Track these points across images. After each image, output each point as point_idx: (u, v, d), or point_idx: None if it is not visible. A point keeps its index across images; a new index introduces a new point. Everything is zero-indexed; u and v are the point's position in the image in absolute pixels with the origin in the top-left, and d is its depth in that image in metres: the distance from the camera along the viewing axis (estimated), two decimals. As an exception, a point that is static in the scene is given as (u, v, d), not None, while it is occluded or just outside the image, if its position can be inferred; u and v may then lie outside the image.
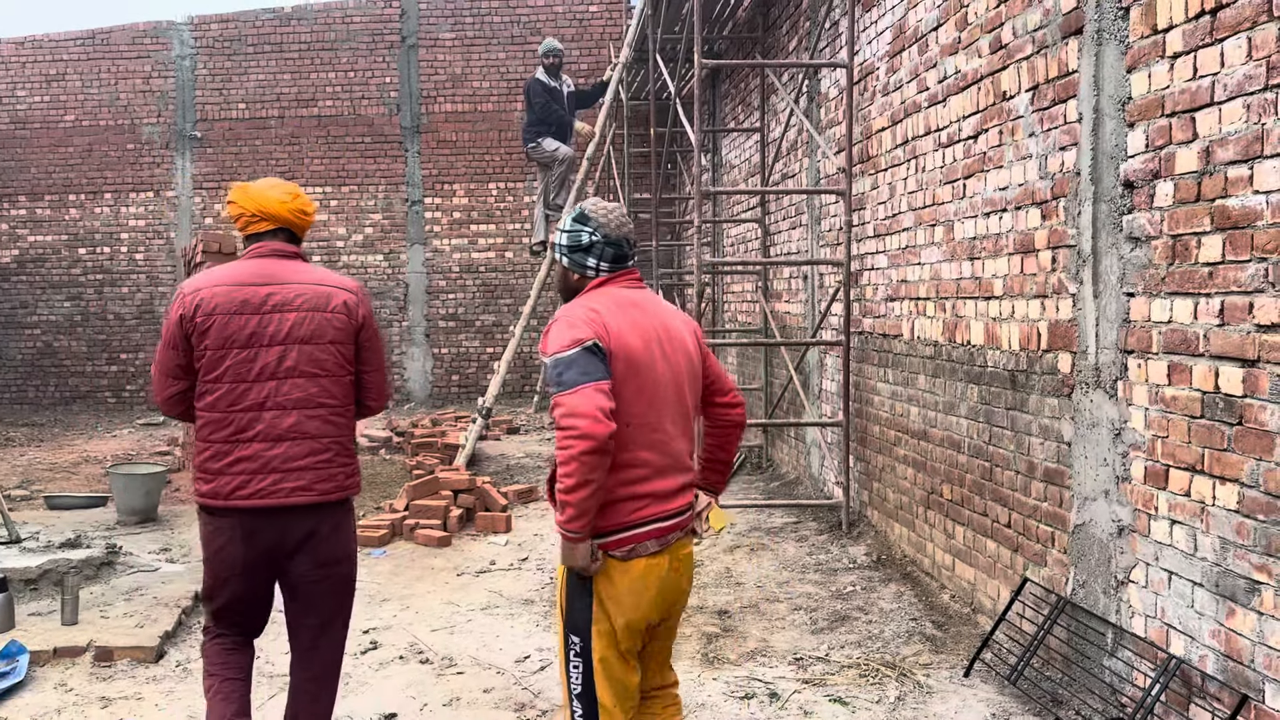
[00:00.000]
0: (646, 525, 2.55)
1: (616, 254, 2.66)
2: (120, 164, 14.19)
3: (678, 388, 2.65)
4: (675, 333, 2.70)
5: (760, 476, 8.37)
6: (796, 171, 7.85)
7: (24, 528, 6.05)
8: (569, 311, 2.58)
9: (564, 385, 2.43)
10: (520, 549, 6.33)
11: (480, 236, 14.04)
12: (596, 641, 2.55)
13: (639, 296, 2.69)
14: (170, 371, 3.04)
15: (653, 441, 2.57)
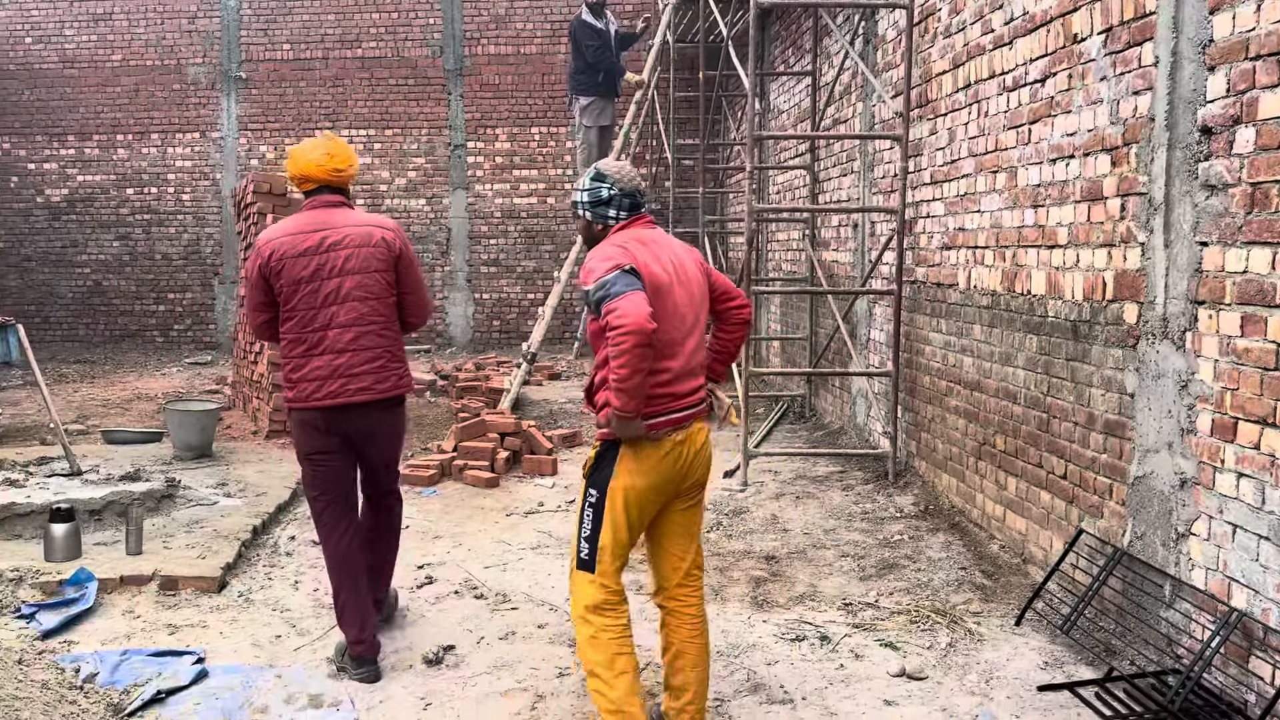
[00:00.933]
0: (669, 415, 3.05)
1: (632, 203, 3.12)
2: (167, 104, 14.25)
3: (693, 308, 3.12)
4: (685, 261, 3.17)
5: (804, 426, 8.36)
6: (849, 117, 7.72)
7: (84, 461, 6.19)
8: (600, 249, 3.04)
9: (612, 295, 2.84)
10: (567, 492, 6.38)
11: (522, 182, 13.99)
12: (612, 496, 3.04)
13: (654, 235, 3.15)
14: (257, 306, 3.82)
15: (674, 352, 3.05)
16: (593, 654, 3.07)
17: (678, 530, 3.25)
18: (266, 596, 4.50)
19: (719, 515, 5.79)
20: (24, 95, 14.20)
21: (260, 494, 5.90)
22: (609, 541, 3.08)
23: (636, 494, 3.05)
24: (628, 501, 3.05)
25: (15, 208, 14.40)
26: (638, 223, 3.14)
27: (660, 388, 3.01)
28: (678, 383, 3.07)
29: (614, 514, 3.06)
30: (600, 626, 3.08)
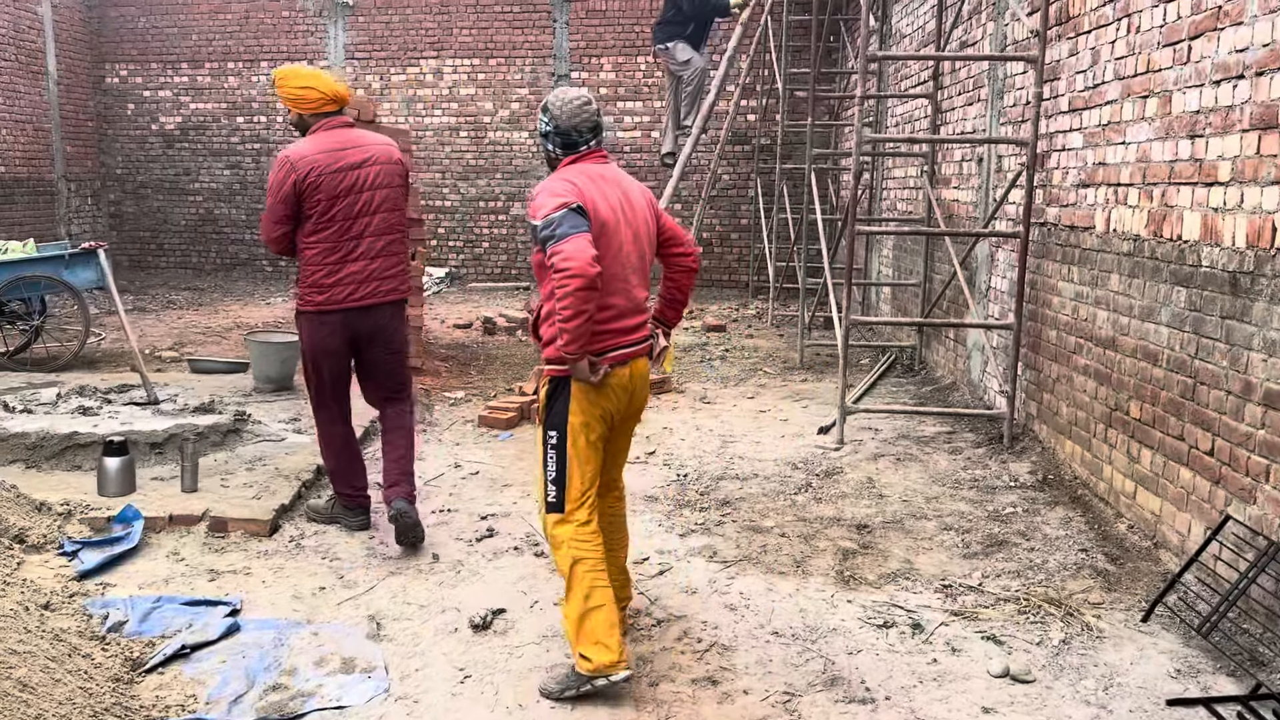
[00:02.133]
0: (614, 351, 3.16)
1: (565, 142, 3.19)
2: (276, 32, 14.19)
3: (638, 246, 3.21)
4: (634, 200, 3.23)
5: (911, 380, 7.75)
6: (979, 39, 6.95)
7: (164, 390, 6.10)
8: (549, 184, 3.10)
9: (558, 237, 2.94)
10: (648, 442, 6.00)
11: (626, 115, 13.49)
12: (570, 433, 3.14)
13: (605, 171, 3.21)
14: (281, 219, 4.08)
15: (618, 289, 3.14)
16: (573, 589, 3.15)
17: (614, 450, 3.41)
18: (319, 543, 4.26)
19: (809, 475, 5.32)
20: (139, 23, 14.34)
21: (331, 431, 5.69)
22: (575, 478, 3.17)
23: (592, 428, 3.16)
24: (587, 438, 3.16)
25: (132, 135, 14.65)
26: (590, 157, 3.20)
27: (605, 324, 3.11)
28: (622, 319, 3.17)
29: (576, 451, 3.16)
30: (574, 559, 3.15)
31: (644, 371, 3.31)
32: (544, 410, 3.22)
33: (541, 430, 3.23)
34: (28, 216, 12.77)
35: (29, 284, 7.37)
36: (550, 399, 3.20)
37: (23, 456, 4.76)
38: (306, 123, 4.16)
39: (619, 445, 3.45)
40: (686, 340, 9.40)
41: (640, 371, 3.28)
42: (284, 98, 4.12)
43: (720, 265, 13.45)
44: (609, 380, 3.14)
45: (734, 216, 13.33)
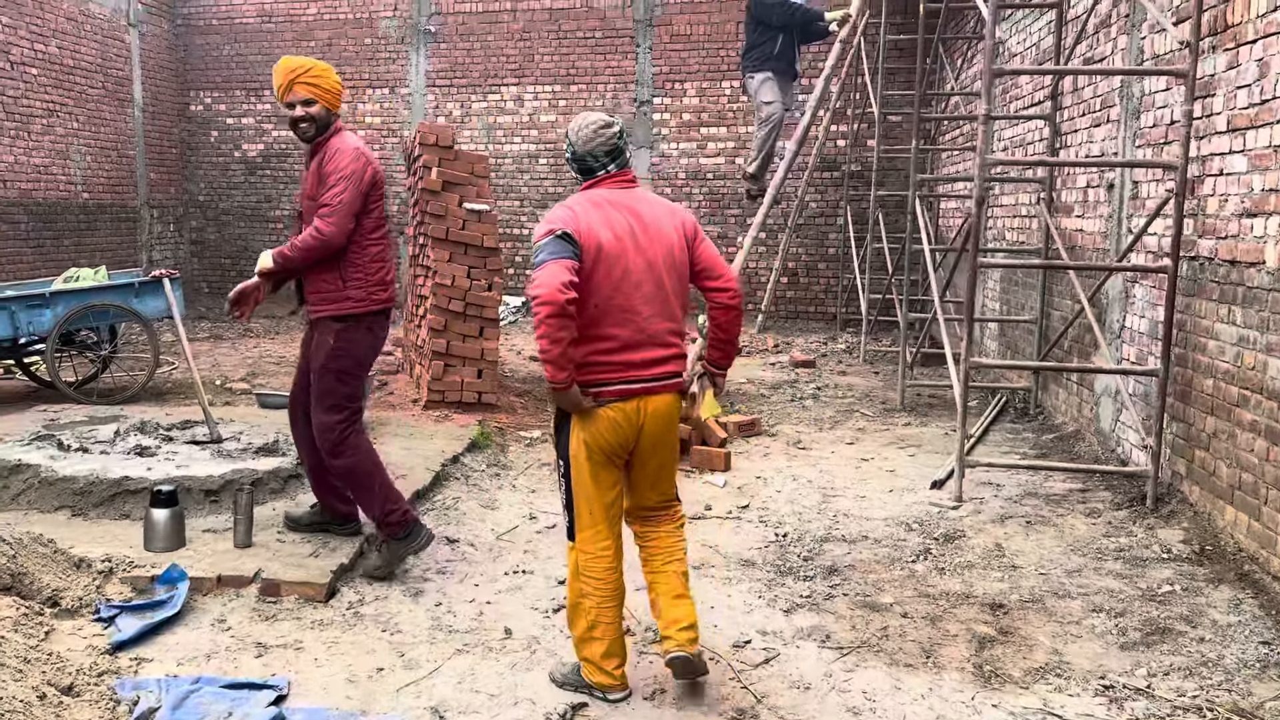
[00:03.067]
0: (612, 385, 3.07)
1: (582, 167, 3.16)
2: (358, 59, 14.11)
3: (653, 274, 3.09)
4: (654, 226, 3.13)
5: (1027, 426, 7.07)
6: (1108, 54, 6.32)
7: (229, 426, 5.78)
8: (552, 211, 3.10)
9: (534, 264, 2.97)
10: (740, 493, 5.46)
11: (710, 140, 13.05)
12: (574, 462, 3.12)
13: (621, 196, 3.14)
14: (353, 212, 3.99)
15: (622, 320, 3.05)
16: (577, 618, 3.17)
17: (643, 481, 3.28)
18: (379, 611, 3.81)
19: (926, 539, 4.72)
20: (224, 50, 14.40)
21: (399, 477, 5.27)
22: (583, 506, 3.13)
23: (591, 455, 3.09)
24: (590, 469, 3.10)
25: (215, 162, 14.70)
26: (607, 182, 3.14)
27: (603, 355, 3.04)
28: (626, 352, 3.06)
29: (579, 476, 3.12)
30: (582, 592, 3.15)
31: (661, 409, 3.15)
32: (554, 436, 3.22)
33: (555, 455, 3.24)
34: (110, 243, 12.81)
35: (97, 313, 7.16)
36: (557, 426, 3.19)
37: (70, 503, 4.43)
38: (329, 121, 4.07)
39: (647, 478, 3.28)
40: (773, 377, 8.84)
41: (655, 409, 3.13)
42: (327, 90, 4.02)
43: (807, 296, 12.87)
44: (605, 414, 3.05)
45: (821, 245, 12.75)
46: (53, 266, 11.08)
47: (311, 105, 4.00)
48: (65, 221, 11.91)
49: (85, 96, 12.27)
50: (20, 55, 11.11)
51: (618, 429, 3.08)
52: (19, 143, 11.11)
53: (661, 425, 3.17)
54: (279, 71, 4.05)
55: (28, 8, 11.20)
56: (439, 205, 6.99)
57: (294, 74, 4.00)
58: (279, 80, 4.03)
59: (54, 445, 5.07)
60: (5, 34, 10.87)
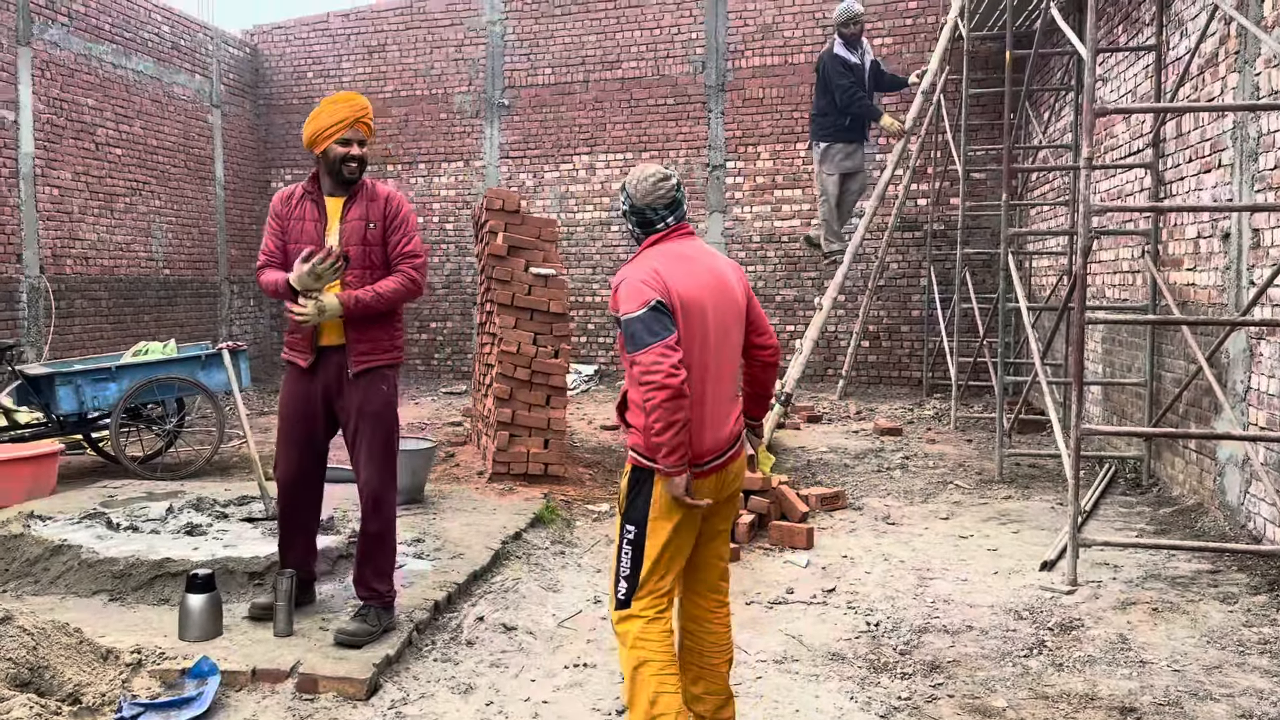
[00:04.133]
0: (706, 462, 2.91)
1: (641, 220, 3.02)
2: (434, 134, 14.25)
3: (725, 330, 2.97)
4: (723, 280, 3.00)
5: (1141, 498, 6.46)
6: (1215, 94, 5.85)
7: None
8: (633, 272, 2.91)
9: (638, 345, 2.78)
10: (825, 575, 4.99)
11: (784, 203, 12.74)
12: (650, 530, 2.90)
13: (689, 249, 3.01)
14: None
15: (709, 382, 2.91)
16: (636, 693, 2.89)
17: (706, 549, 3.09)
18: (424, 710, 3.45)
19: (1039, 630, 4.19)
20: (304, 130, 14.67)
21: (456, 555, 4.96)
22: (649, 577, 2.93)
23: (675, 528, 2.91)
24: (670, 536, 2.90)
25: (294, 238, 14.88)
26: (673, 235, 3.02)
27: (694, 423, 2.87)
28: (713, 420, 2.94)
29: (654, 549, 2.91)
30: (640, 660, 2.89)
31: (737, 471, 3.06)
32: (624, 501, 2.99)
33: (619, 522, 2.99)
34: (190, 317, 12.98)
35: (163, 386, 7.08)
36: (631, 491, 2.96)
37: (108, 586, 4.19)
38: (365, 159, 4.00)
39: (711, 545, 3.10)
40: (857, 445, 8.35)
41: (733, 471, 3.03)
42: (372, 133, 3.99)
43: (889, 360, 12.35)
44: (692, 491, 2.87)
45: (904, 307, 12.26)
46: (132, 341, 11.20)
47: (364, 146, 3.88)
48: (145, 297, 12.10)
49: (167, 175, 12.56)
50: (105, 136, 11.41)
51: (707, 490, 2.95)
52: (102, 220, 11.36)
53: (736, 484, 3.09)
54: (341, 104, 3.85)
55: (114, 90, 11.54)
56: (505, 270, 6.78)
57: (361, 111, 3.88)
58: (342, 114, 3.82)
59: (103, 524, 4.88)
60: (91, 115, 11.18)
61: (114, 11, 11.57)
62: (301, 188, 4.00)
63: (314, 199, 3.95)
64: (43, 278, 10.35)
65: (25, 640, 3.22)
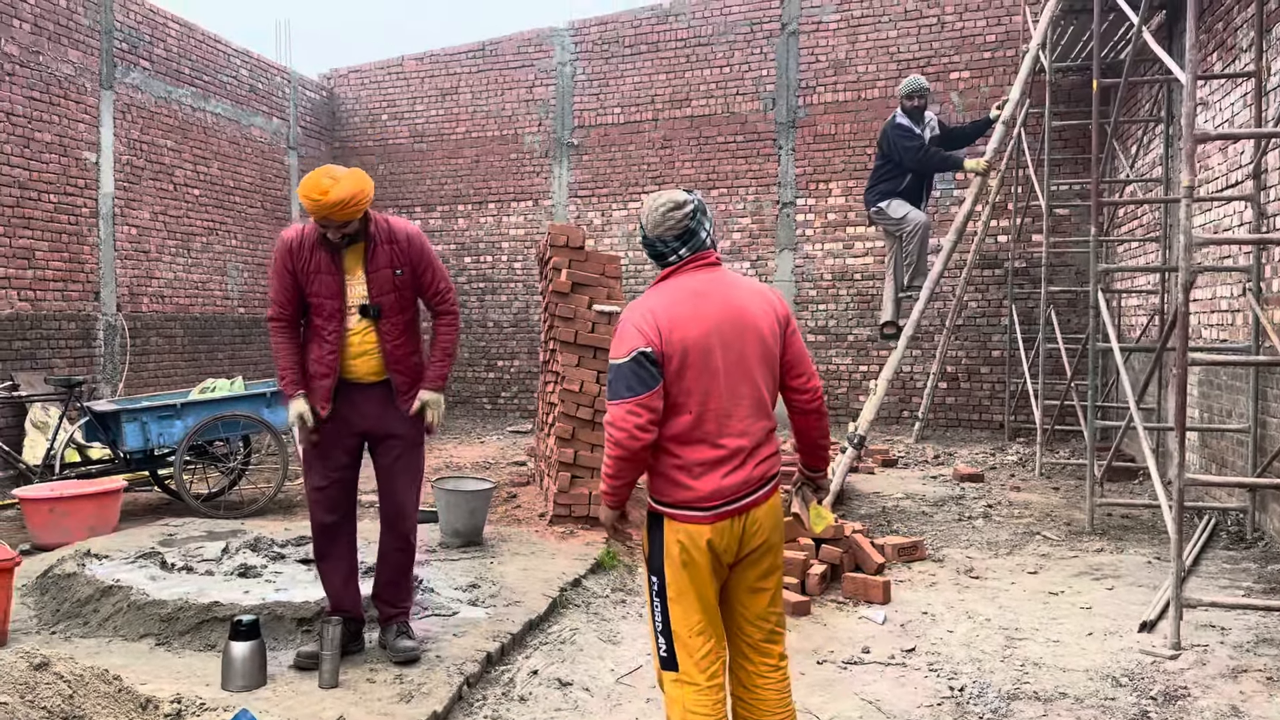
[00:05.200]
0: (694, 510, 2.70)
1: (652, 252, 2.83)
2: (503, 174, 14.32)
3: (743, 368, 2.74)
4: (744, 315, 2.75)
5: (1245, 553, 5.98)
6: (1326, 119, 5.47)
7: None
8: (629, 314, 2.75)
9: (612, 395, 2.71)
10: (904, 632, 4.66)
11: (857, 240, 12.45)
12: (671, 578, 2.71)
13: (703, 283, 2.77)
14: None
15: (717, 427, 2.70)
16: None
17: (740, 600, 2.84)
18: (471, 772, 3.24)
19: (1141, 699, 3.81)
20: (378, 170, 14.88)
21: (512, 603, 4.75)
22: (683, 629, 2.73)
23: (689, 577, 2.72)
24: (688, 580, 2.72)
25: (366, 277, 15.03)
26: (691, 266, 2.80)
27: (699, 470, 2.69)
28: (723, 465, 2.70)
29: (679, 595, 2.73)
30: None
31: (763, 518, 2.76)
32: (645, 550, 2.83)
33: (646, 569, 2.82)
34: (263, 355, 13.13)
35: (228, 424, 7.06)
36: (650, 537, 2.80)
37: (155, 630, 4.08)
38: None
39: (751, 602, 2.83)
40: (936, 492, 7.96)
41: (757, 519, 2.74)
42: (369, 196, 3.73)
43: (969, 403, 11.89)
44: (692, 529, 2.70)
45: (983, 348, 11.82)
46: (206, 378, 11.34)
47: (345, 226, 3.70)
48: (220, 335, 12.28)
49: (244, 215, 12.78)
50: (184, 177, 11.67)
51: (720, 535, 2.71)
52: (179, 259, 11.57)
53: (764, 532, 2.77)
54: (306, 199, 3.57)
55: (193, 132, 11.81)
56: (568, 307, 6.63)
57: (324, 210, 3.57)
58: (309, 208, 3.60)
59: (157, 564, 4.81)
60: (170, 157, 11.44)
61: (194, 56, 11.88)
62: (310, 235, 3.78)
63: (328, 248, 3.78)
64: (119, 315, 10.55)
65: (62, 688, 3.10)
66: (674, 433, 2.70)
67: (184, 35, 11.74)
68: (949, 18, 11.92)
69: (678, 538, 2.70)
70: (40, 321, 9.58)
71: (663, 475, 2.73)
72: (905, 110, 7.98)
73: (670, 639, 2.73)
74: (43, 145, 9.66)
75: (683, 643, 2.71)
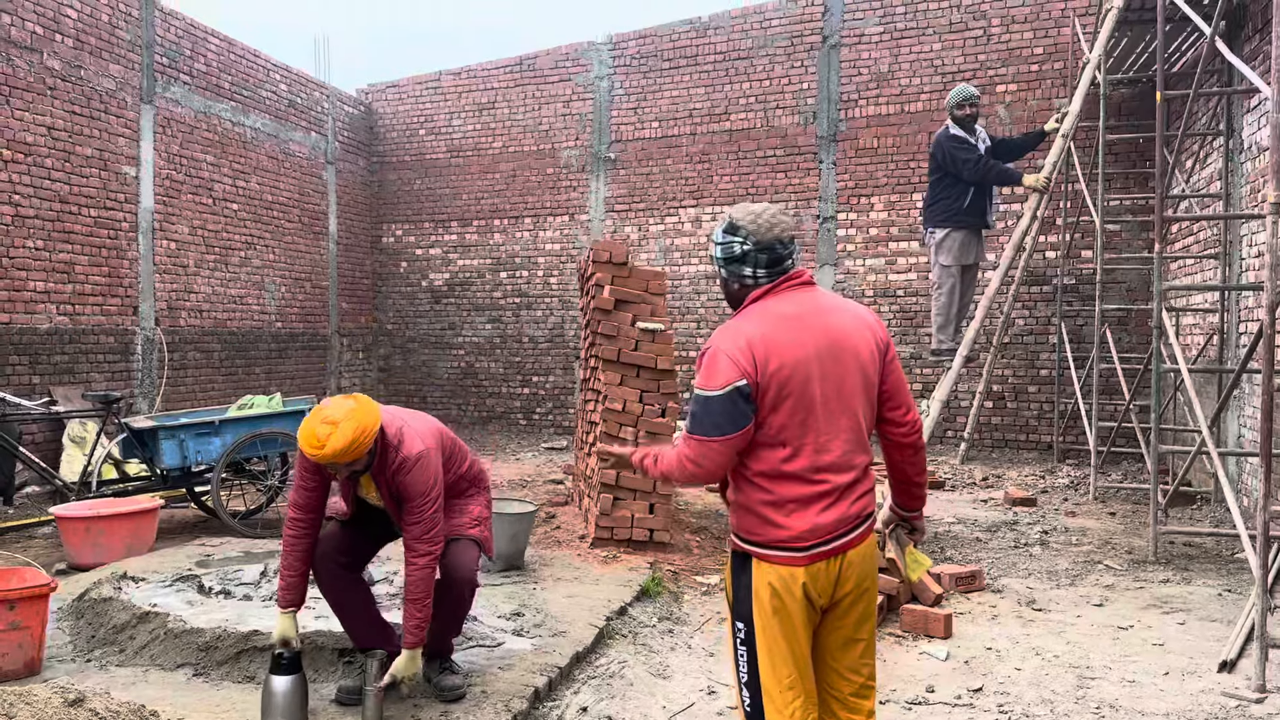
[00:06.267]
0: (787, 550, 2.50)
1: (771, 258, 2.59)
2: (540, 189, 14.24)
3: (842, 397, 2.55)
4: (844, 340, 2.57)
5: (1323, 585, 5.70)
6: None
7: (383, 567, 5.29)
8: (722, 340, 2.54)
9: (699, 428, 2.50)
10: (969, 670, 4.44)
11: (900, 255, 12.22)
12: (762, 626, 2.52)
13: (800, 305, 2.58)
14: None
15: (803, 467, 2.50)
16: None
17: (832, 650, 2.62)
18: (521, 820, 3.07)
19: (1231, 749, 3.58)
20: (415, 185, 14.86)
21: (558, 633, 4.58)
22: (771, 681, 2.52)
23: (783, 618, 2.51)
24: (779, 629, 2.51)
25: (403, 291, 15.02)
26: (784, 286, 2.59)
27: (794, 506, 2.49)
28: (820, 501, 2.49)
29: (769, 645, 2.52)
30: None
31: (860, 560, 2.55)
32: (730, 592, 2.62)
33: (730, 615, 2.61)
34: (300, 370, 13.09)
35: (265, 441, 6.97)
36: (735, 580, 2.60)
37: (193, 659, 3.95)
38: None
39: (844, 654, 2.62)
40: (987, 516, 7.72)
41: (855, 560, 2.54)
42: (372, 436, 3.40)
43: (1016, 423, 11.60)
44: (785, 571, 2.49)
45: (1031, 366, 11.53)
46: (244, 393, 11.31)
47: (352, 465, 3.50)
48: (258, 349, 12.25)
49: (282, 230, 12.78)
50: (222, 191, 11.67)
51: (816, 578, 2.51)
52: (217, 274, 11.57)
53: (860, 575, 2.58)
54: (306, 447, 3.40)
55: (232, 148, 11.82)
56: (611, 325, 6.48)
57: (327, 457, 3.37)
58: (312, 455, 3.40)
59: (194, 587, 4.69)
60: (209, 172, 11.45)
61: (234, 71, 11.90)
62: None
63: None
64: (158, 330, 10.54)
65: (95, 725, 2.97)
66: (766, 468, 2.50)
67: (224, 50, 11.76)
68: (995, 30, 11.70)
69: (768, 580, 2.49)
70: (79, 336, 9.58)
71: (752, 512, 2.52)
72: (956, 120, 7.72)
73: (758, 693, 2.51)
74: (83, 160, 9.68)
75: (771, 698, 2.50)
